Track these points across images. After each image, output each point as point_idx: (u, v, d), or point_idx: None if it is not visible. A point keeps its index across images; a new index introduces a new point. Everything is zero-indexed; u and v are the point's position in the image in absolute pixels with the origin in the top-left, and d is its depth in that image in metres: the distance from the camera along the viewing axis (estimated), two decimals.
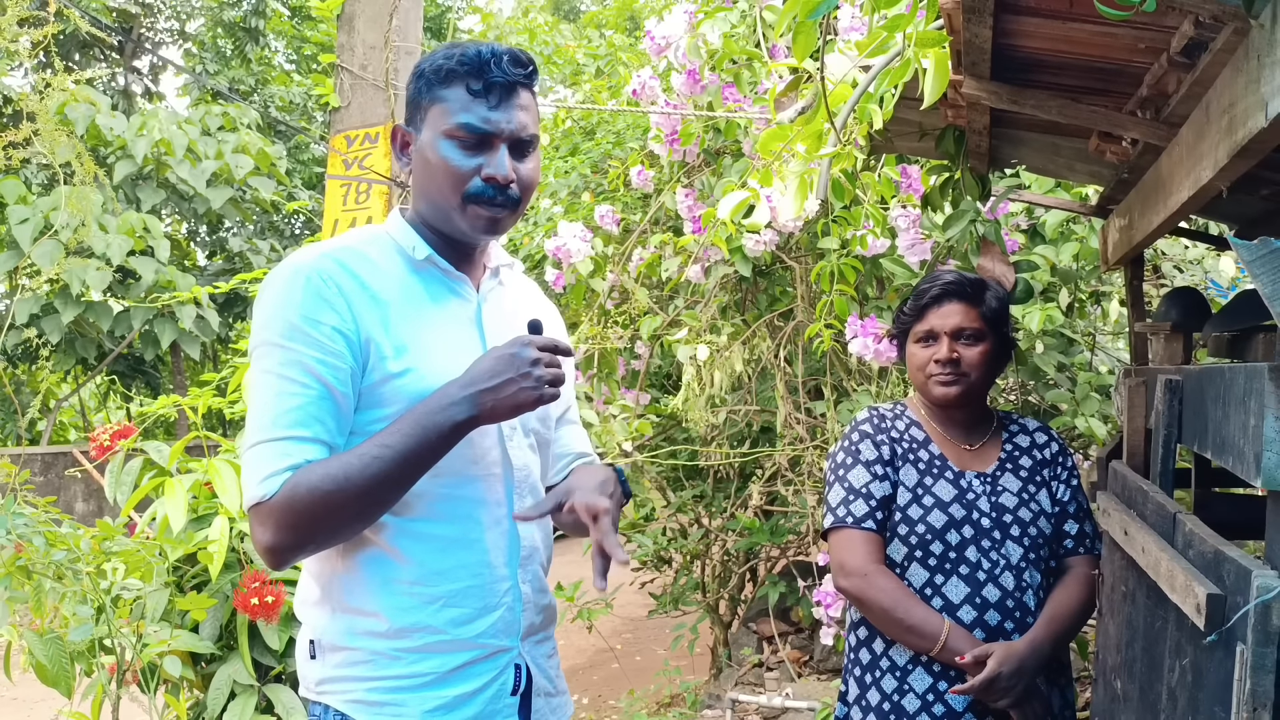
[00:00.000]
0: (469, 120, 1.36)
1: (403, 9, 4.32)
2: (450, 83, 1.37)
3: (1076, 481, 1.99)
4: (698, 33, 3.21)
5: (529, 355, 1.31)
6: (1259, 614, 1.09)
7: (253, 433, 1.30)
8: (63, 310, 7.69)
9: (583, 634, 4.67)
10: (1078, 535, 1.95)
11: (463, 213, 1.39)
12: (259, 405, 1.31)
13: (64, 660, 2.26)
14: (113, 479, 2.58)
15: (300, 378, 1.29)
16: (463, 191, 1.37)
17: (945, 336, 1.94)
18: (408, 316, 1.38)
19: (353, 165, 4.17)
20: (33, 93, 6.59)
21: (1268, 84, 1.14)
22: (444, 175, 1.37)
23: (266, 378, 1.31)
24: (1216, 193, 1.58)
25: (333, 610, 1.38)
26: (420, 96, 1.41)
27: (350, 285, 1.35)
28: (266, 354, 1.32)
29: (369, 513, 1.30)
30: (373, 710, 1.36)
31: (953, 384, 1.93)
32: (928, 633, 1.80)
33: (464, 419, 1.30)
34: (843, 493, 1.94)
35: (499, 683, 1.41)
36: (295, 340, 1.30)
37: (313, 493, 1.25)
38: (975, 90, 1.92)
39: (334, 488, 1.25)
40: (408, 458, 1.28)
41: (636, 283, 3.72)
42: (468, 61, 1.36)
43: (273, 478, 1.27)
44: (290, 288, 1.33)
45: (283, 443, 1.28)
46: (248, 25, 12.27)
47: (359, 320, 1.34)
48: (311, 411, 1.29)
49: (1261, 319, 2.13)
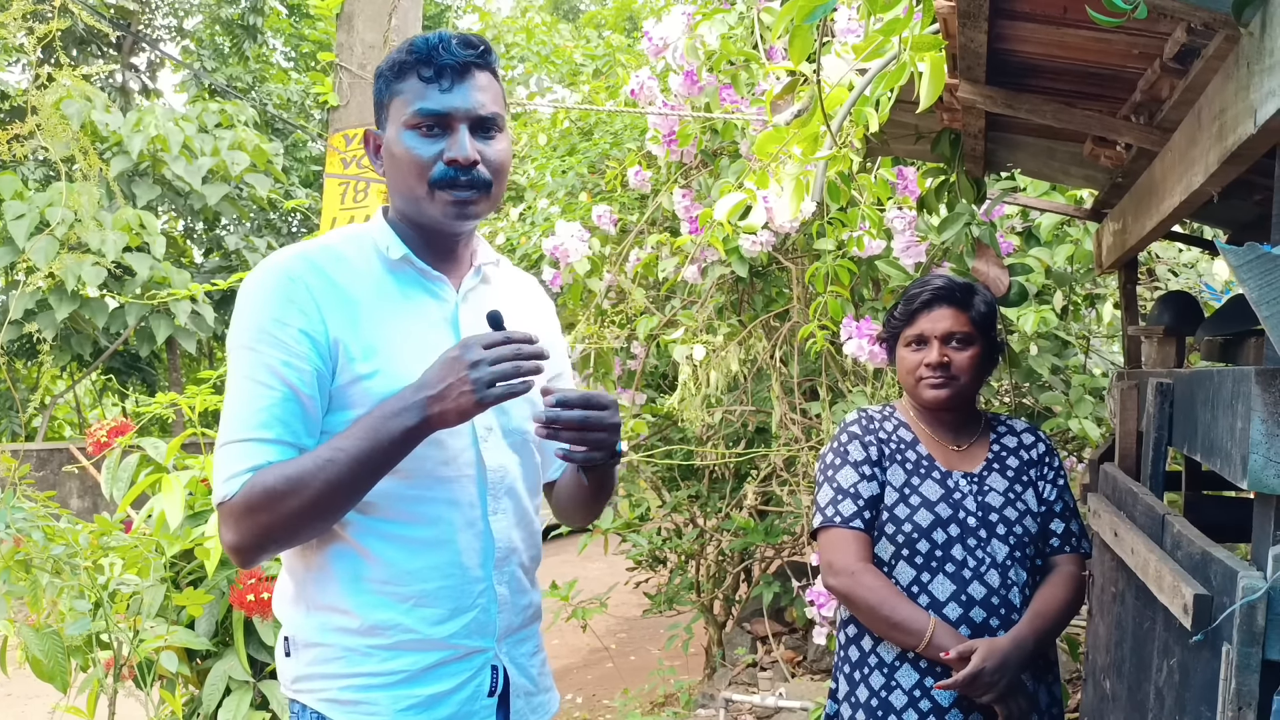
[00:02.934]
0: (423, 105, 1.36)
1: (402, 8, 4.33)
2: (404, 74, 1.38)
3: (1063, 482, 2.01)
4: (696, 34, 3.22)
5: (470, 357, 1.28)
6: (1244, 614, 1.10)
7: (221, 434, 1.32)
8: (57, 307, 7.67)
9: (577, 633, 4.68)
10: (1063, 534, 1.97)
11: (431, 200, 1.38)
12: (228, 407, 1.33)
13: (60, 655, 2.27)
14: (109, 475, 2.58)
15: (266, 380, 1.31)
16: (428, 178, 1.37)
17: (935, 341, 1.96)
18: (378, 317, 1.38)
19: (351, 164, 4.18)
20: (35, 86, 6.59)
21: (1257, 91, 1.15)
22: (408, 165, 1.38)
23: (237, 380, 1.33)
24: (1208, 198, 1.60)
25: (307, 608, 1.39)
26: (382, 95, 1.42)
27: (320, 286, 1.35)
28: (238, 357, 1.33)
29: (325, 514, 1.30)
30: (346, 709, 1.36)
31: (942, 387, 1.95)
32: (913, 629, 1.83)
33: (413, 425, 1.29)
34: (831, 493, 1.97)
35: (474, 684, 1.41)
36: (261, 343, 1.32)
37: (268, 494, 1.26)
38: (971, 94, 1.94)
39: (287, 489, 1.26)
40: (361, 462, 1.28)
41: (633, 283, 3.73)
42: (417, 50, 1.37)
43: (234, 479, 1.28)
44: (259, 291, 1.34)
45: (246, 444, 1.29)
46: (246, 23, 12.26)
47: (327, 322, 1.34)
48: (276, 414, 1.30)
49: (1254, 323, 2.14)
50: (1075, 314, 3.73)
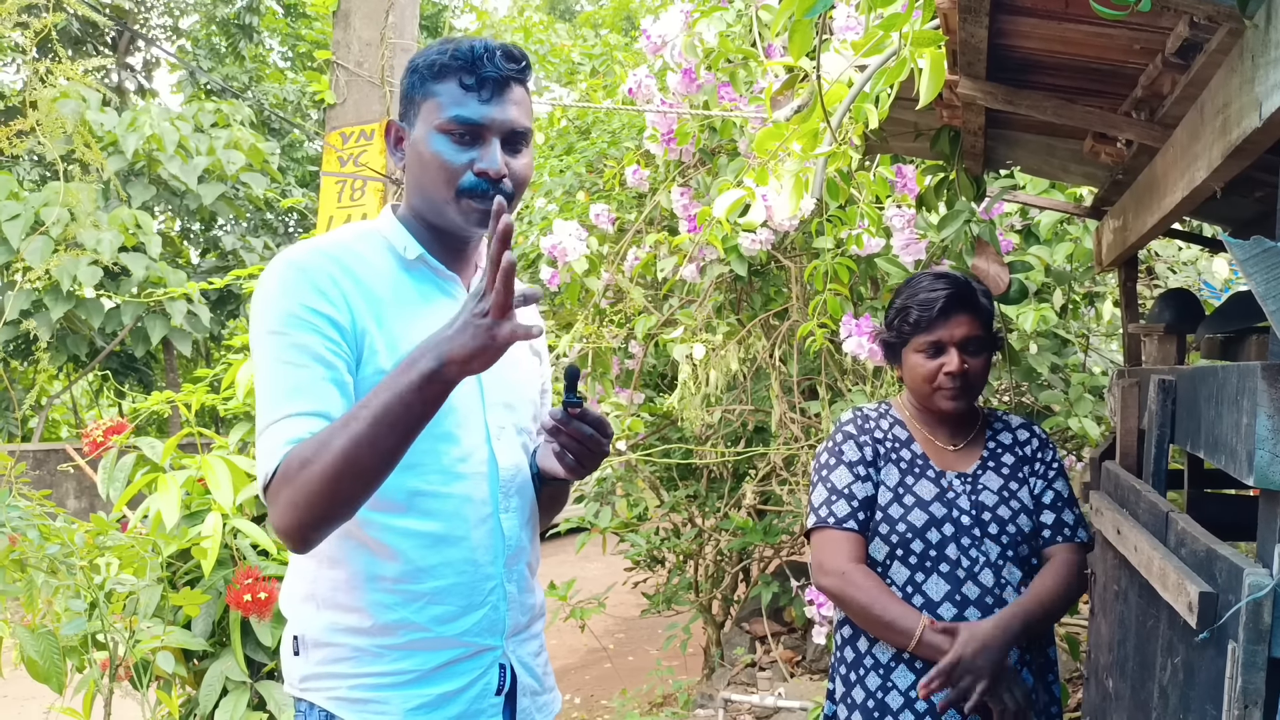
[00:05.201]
0: (461, 114, 1.36)
1: (399, 5, 4.32)
2: (443, 77, 1.37)
3: (1056, 473, 1.98)
4: (694, 31, 3.21)
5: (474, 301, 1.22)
6: (1250, 612, 1.10)
7: (259, 422, 1.30)
8: (52, 307, 7.64)
9: (575, 633, 4.67)
10: (1055, 524, 1.94)
11: (456, 206, 1.38)
12: (261, 393, 1.30)
13: (56, 656, 2.26)
14: (105, 475, 2.57)
15: (297, 360, 1.29)
16: (456, 186, 1.37)
17: (954, 349, 1.92)
18: (398, 314, 1.38)
19: (348, 162, 4.17)
20: (35, 81, 6.56)
21: (1262, 84, 1.14)
22: (437, 169, 1.37)
23: (267, 364, 1.31)
24: (1210, 194, 1.59)
25: (317, 606, 1.38)
26: (414, 91, 1.41)
27: (344, 279, 1.35)
28: (266, 343, 1.31)
29: (357, 477, 1.24)
30: (356, 707, 1.36)
31: (960, 397, 1.93)
32: (903, 628, 1.82)
33: (432, 369, 1.21)
34: (825, 493, 1.96)
35: (483, 682, 1.41)
36: (292, 326, 1.30)
37: (303, 463, 1.23)
38: (971, 90, 1.93)
39: (312, 454, 1.23)
40: (380, 416, 1.22)
41: (631, 282, 3.72)
42: (461, 56, 1.36)
43: (270, 456, 1.26)
44: (286, 279, 1.33)
45: (282, 422, 1.27)
46: (242, 22, 12.24)
47: (354, 312, 1.34)
48: (311, 388, 1.28)
49: (1255, 321, 2.14)
50: (1074, 312, 3.73)
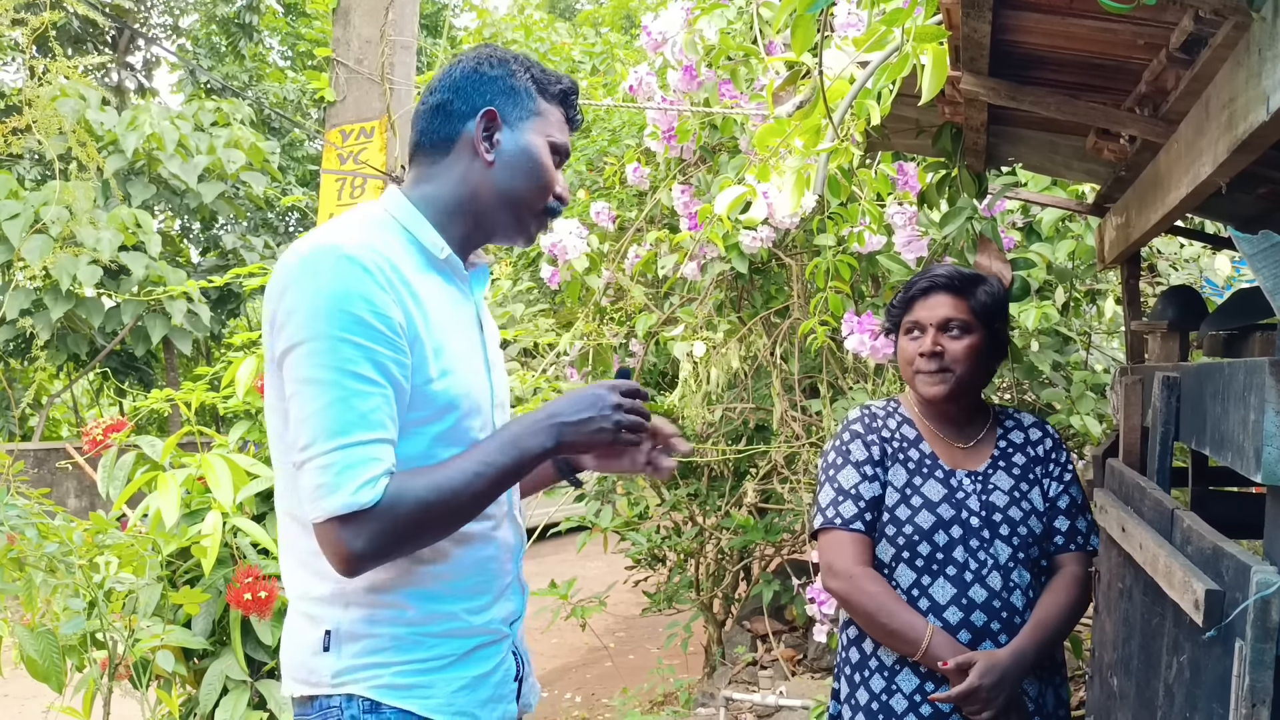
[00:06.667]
0: (563, 140, 1.46)
1: (399, 3, 4.31)
2: (556, 100, 1.46)
3: (1070, 477, 1.97)
4: (694, 28, 3.20)
5: (613, 400, 1.37)
6: (1258, 610, 1.09)
7: (323, 436, 1.21)
8: (52, 306, 7.63)
9: (576, 632, 4.66)
10: (1069, 531, 1.93)
11: (535, 220, 1.46)
12: (327, 406, 1.21)
13: (55, 655, 2.25)
14: (105, 474, 2.56)
15: (372, 374, 1.23)
16: (545, 202, 1.45)
17: (931, 328, 1.91)
18: (437, 316, 1.34)
19: (348, 159, 4.16)
20: (32, 79, 6.56)
21: (1269, 77, 1.14)
22: (542, 182, 1.44)
23: (329, 374, 1.21)
24: (1215, 189, 1.58)
25: (346, 603, 1.34)
26: (527, 96, 1.43)
27: (396, 278, 1.28)
28: (323, 349, 1.22)
29: (459, 525, 1.32)
30: (401, 693, 1.34)
31: (939, 380, 1.90)
32: (910, 637, 1.80)
33: (549, 447, 1.34)
34: (832, 493, 1.94)
35: (504, 667, 1.45)
36: (359, 334, 1.22)
37: (419, 503, 1.24)
38: (973, 86, 1.92)
39: (437, 499, 1.25)
40: (506, 477, 1.32)
41: (632, 280, 3.71)
42: (568, 89, 1.48)
43: (370, 485, 1.21)
44: (344, 275, 1.23)
45: (369, 446, 1.22)
46: (242, 21, 12.22)
47: (409, 317, 1.28)
48: (387, 412, 1.24)
49: (1258, 318, 2.13)
50: (1076, 310, 3.72)
